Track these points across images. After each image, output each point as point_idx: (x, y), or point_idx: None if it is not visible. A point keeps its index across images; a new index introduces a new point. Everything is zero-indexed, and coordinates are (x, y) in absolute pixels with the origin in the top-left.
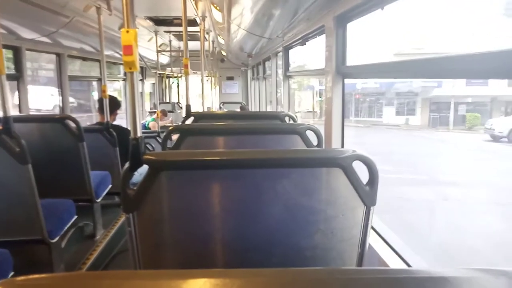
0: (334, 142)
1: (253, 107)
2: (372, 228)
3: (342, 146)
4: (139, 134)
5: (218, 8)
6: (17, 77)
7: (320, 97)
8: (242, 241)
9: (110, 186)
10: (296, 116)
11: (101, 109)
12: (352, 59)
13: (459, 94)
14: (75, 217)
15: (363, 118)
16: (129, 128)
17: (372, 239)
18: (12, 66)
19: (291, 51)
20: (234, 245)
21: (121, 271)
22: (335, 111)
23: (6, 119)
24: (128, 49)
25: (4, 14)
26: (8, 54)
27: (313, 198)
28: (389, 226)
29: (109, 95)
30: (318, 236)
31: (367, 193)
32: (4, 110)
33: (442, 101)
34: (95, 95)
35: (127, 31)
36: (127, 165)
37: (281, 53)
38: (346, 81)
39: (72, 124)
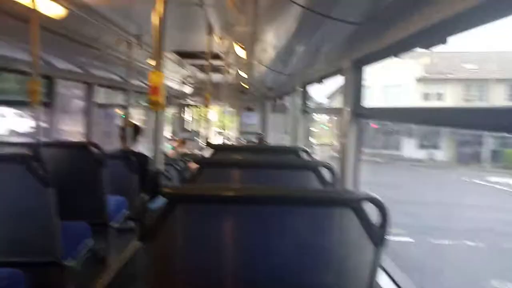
0: (348, 180)
1: (270, 138)
2: (383, 269)
3: (356, 185)
4: (160, 167)
5: (241, 45)
6: (50, 104)
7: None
8: (253, 277)
9: (125, 211)
10: (313, 150)
11: (123, 136)
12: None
13: None
14: (90, 240)
15: (379, 150)
16: (149, 156)
17: (383, 281)
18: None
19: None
20: (245, 280)
21: None
22: (350, 150)
23: (36, 145)
24: (155, 90)
25: (40, 45)
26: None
27: (323, 237)
28: None
29: (132, 123)
30: (327, 275)
31: (377, 234)
32: (37, 136)
33: (472, 133)
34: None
35: (155, 74)
36: (145, 195)
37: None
38: None
39: (95, 150)
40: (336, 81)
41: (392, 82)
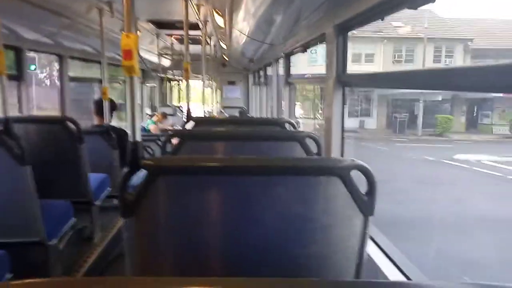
0: (333, 150)
1: (254, 112)
2: (372, 239)
3: (342, 155)
4: (138, 138)
5: (219, 13)
6: (18, 77)
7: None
8: (238, 248)
9: (109, 189)
10: (298, 123)
11: (99, 111)
12: None
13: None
14: (73, 219)
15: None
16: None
17: (372, 251)
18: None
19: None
20: (229, 252)
21: (116, 278)
22: (335, 119)
23: (6, 120)
24: (128, 54)
25: (5, 14)
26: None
27: (309, 206)
28: None
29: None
30: (314, 246)
31: (366, 203)
32: (4, 111)
33: (405, 98)
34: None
35: (127, 36)
36: (125, 169)
37: (282, 59)
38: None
39: (72, 126)
40: None
41: None
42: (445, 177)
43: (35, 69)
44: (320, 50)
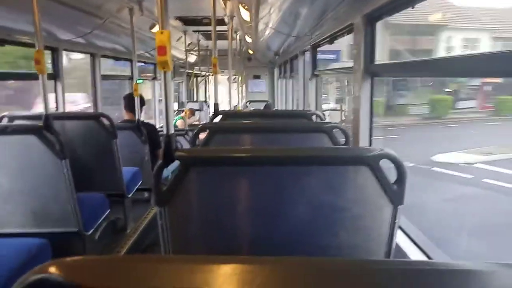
0: (361, 141)
1: (279, 106)
2: (400, 228)
3: (370, 145)
4: (171, 131)
5: (246, 7)
6: (55, 76)
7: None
8: (268, 237)
9: (140, 181)
10: (324, 115)
11: (129, 107)
12: None
13: None
14: (108, 211)
15: None
16: (157, 125)
17: (401, 239)
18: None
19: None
20: (260, 240)
21: (157, 256)
22: (363, 110)
23: (47, 117)
24: (162, 50)
25: (43, 16)
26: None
27: (339, 196)
28: None
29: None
30: (344, 235)
31: (395, 192)
32: (45, 108)
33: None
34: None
35: (161, 33)
36: (160, 161)
37: (308, 51)
38: None
39: (106, 122)
40: None
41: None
42: (481, 205)
43: None
44: None
